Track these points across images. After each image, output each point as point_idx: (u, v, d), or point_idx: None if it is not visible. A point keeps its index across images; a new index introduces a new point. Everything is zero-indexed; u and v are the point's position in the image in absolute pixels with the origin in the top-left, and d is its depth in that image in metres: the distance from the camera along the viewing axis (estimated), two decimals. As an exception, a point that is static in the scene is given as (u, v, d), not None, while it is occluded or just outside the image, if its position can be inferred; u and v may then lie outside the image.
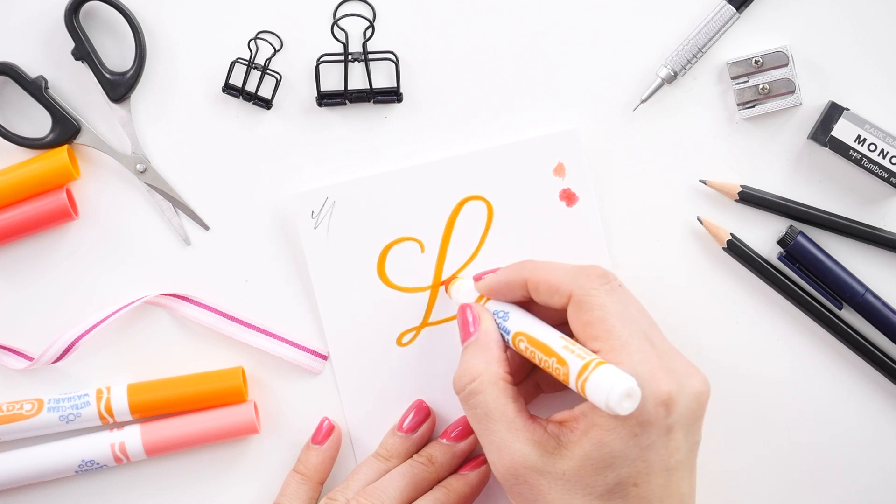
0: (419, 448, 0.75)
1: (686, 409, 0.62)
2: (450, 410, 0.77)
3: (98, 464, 0.75)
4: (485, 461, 0.75)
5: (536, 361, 0.65)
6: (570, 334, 0.65)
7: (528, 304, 0.69)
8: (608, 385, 0.59)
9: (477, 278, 0.72)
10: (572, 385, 0.61)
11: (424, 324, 0.76)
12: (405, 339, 0.77)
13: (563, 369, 0.62)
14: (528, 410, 0.66)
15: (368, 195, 0.76)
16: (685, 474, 0.63)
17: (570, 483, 0.62)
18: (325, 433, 0.76)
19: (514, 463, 0.63)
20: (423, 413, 0.76)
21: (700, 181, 0.76)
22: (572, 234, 0.76)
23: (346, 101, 0.76)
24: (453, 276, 0.75)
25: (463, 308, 0.70)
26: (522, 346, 0.66)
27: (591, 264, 0.66)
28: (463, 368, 0.67)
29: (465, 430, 0.75)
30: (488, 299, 0.70)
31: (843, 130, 0.74)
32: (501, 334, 0.68)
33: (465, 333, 0.69)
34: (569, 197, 0.76)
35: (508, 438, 0.64)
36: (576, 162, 0.76)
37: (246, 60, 0.76)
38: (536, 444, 0.63)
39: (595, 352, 0.62)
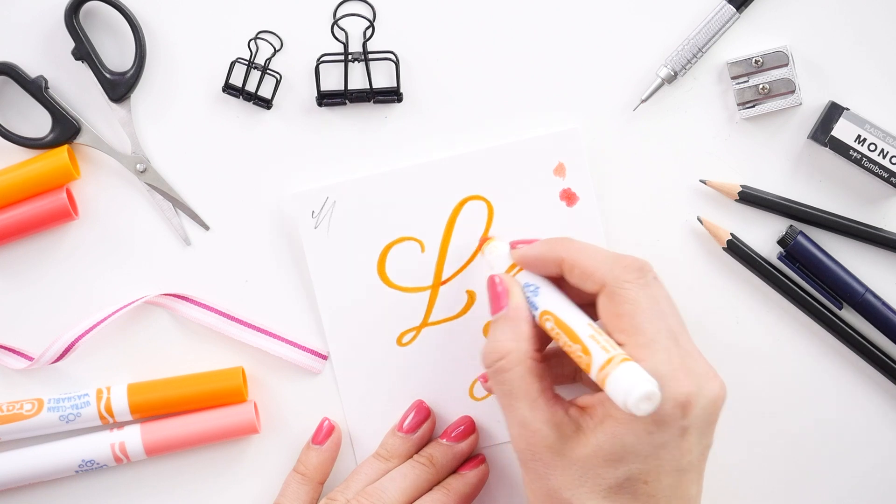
0: (419, 448, 0.75)
1: (702, 412, 0.62)
2: (450, 410, 0.77)
3: (98, 464, 0.75)
4: (483, 461, 0.76)
5: (560, 343, 0.65)
6: (596, 317, 0.65)
7: (558, 279, 0.69)
8: (628, 384, 0.59)
9: (513, 245, 0.71)
10: (593, 376, 0.61)
11: (424, 324, 0.76)
12: (405, 339, 0.77)
13: (586, 359, 0.62)
14: (552, 390, 0.66)
15: (369, 195, 0.76)
16: (695, 477, 0.63)
17: (582, 471, 0.62)
18: (325, 433, 0.76)
19: (533, 441, 0.64)
20: (423, 413, 0.76)
21: (700, 181, 0.76)
22: (573, 233, 0.76)
23: (346, 101, 0.76)
24: (487, 236, 0.74)
25: (492, 279, 0.69)
26: (548, 326, 0.66)
27: (629, 255, 0.66)
28: (492, 344, 0.66)
29: (466, 430, 0.75)
30: (521, 269, 0.70)
31: (843, 130, 0.74)
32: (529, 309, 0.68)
33: (496, 306, 0.68)
34: (569, 197, 0.76)
35: (530, 416, 0.64)
36: (576, 162, 0.76)
37: (246, 60, 0.76)
38: (556, 426, 0.63)
39: (620, 344, 0.62)
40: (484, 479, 0.76)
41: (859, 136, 0.74)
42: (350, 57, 0.76)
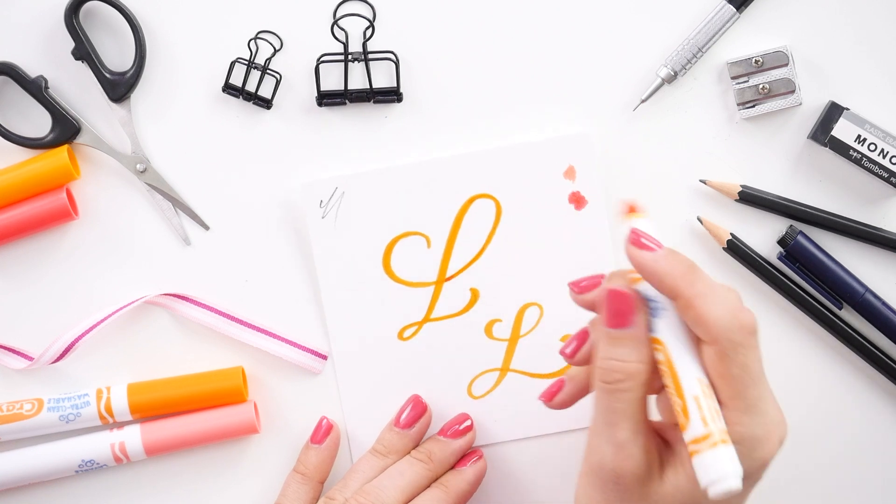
0: (416, 443, 0.75)
1: (771, 463, 0.61)
2: (448, 407, 0.77)
3: (98, 464, 0.75)
4: (481, 456, 0.75)
5: (662, 378, 0.61)
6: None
7: None
8: (717, 474, 0.57)
9: (634, 239, 0.61)
10: (685, 439, 0.59)
11: (427, 319, 0.77)
12: (406, 334, 0.77)
13: (682, 419, 0.59)
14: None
15: (378, 188, 0.76)
16: None
17: None
18: (323, 432, 0.76)
19: (625, 465, 0.61)
20: (420, 408, 0.76)
21: (700, 181, 0.76)
22: (579, 237, 0.76)
23: (346, 101, 0.76)
24: (631, 204, 0.64)
25: (623, 295, 0.62)
26: (657, 357, 0.61)
27: (746, 309, 0.61)
28: (618, 363, 0.61)
29: (464, 427, 0.75)
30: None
31: (843, 130, 0.74)
32: None
33: (622, 321, 0.61)
34: (578, 200, 0.76)
35: (630, 440, 0.61)
36: (587, 166, 0.76)
37: (246, 60, 0.76)
38: (647, 454, 0.61)
39: (720, 402, 0.60)
40: (481, 475, 0.76)
41: (859, 136, 0.74)
42: (350, 57, 0.76)
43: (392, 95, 0.76)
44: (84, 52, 0.75)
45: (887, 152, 0.74)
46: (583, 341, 0.65)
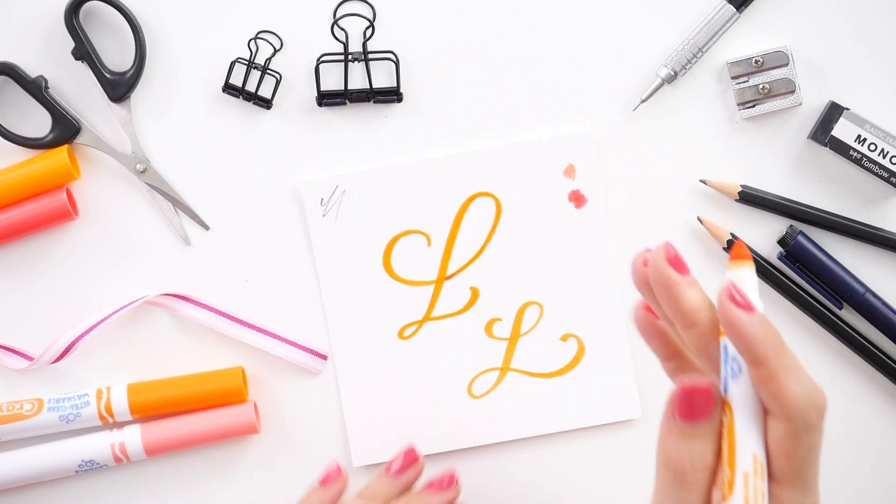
0: (402, 491, 0.73)
1: None
2: (448, 407, 0.77)
3: (98, 464, 0.75)
4: None
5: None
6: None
7: None
8: None
9: (735, 297, 0.54)
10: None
11: (427, 318, 0.77)
12: (406, 333, 0.77)
13: (726, 490, 0.57)
14: None
15: (378, 186, 0.76)
16: None
17: None
18: (334, 477, 0.72)
19: None
20: (411, 457, 0.73)
21: (700, 181, 0.76)
22: (579, 235, 0.76)
23: (346, 101, 0.76)
24: (740, 247, 0.54)
25: (701, 391, 0.56)
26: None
27: (819, 388, 0.57)
28: (697, 457, 0.57)
29: (447, 481, 0.73)
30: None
31: (843, 130, 0.74)
32: None
33: (700, 412, 0.57)
34: (578, 199, 0.76)
35: None
36: (586, 164, 0.76)
37: (246, 60, 0.76)
38: None
39: (771, 477, 0.57)
40: None
41: (859, 136, 0.74)
42: (350, 57, 0.76)
43: (392, 95, 0.76)
44: (84, 52, 0.75)
45: (887, 152, 0.74)
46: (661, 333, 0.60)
